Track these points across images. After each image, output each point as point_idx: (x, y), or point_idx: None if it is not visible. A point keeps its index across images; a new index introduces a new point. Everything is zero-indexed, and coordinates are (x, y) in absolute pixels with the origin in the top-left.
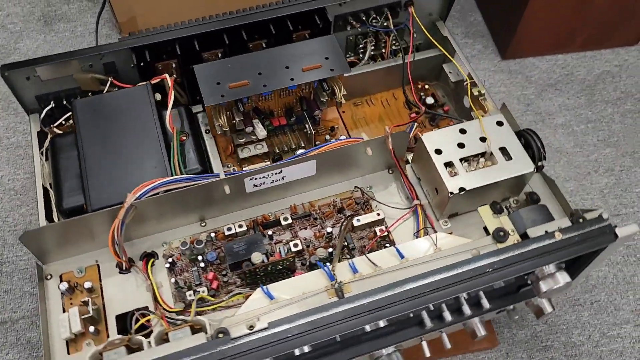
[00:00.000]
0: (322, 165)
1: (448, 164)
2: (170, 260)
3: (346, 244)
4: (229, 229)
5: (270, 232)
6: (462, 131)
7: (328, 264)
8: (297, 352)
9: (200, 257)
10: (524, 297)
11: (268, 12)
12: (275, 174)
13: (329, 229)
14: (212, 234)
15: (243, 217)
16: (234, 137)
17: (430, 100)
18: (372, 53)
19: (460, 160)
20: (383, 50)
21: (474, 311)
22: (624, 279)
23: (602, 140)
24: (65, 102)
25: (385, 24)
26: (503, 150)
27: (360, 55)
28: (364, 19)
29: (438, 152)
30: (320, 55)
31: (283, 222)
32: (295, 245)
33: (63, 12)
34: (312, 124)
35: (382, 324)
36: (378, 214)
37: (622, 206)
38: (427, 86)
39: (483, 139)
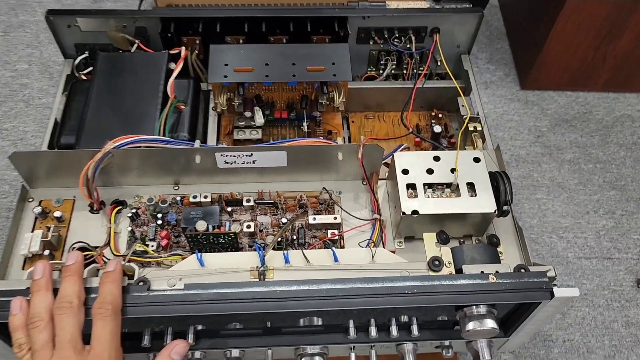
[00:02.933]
0: (293, 159)
1: (411, 186)
2: (134, 211)
3: (296, 237)
4: (195, 197)
5: (230, 209)
6: (436, 158)
7: (264, 248)
8: (229, 325)
9: (160, 215)
10: (456, 335)
11: (292, 11)
12: (246, 155)
13: (284, 220)
14: (179, 198)
15: (213, 190)
16: (235, 119)
17: (438, 129)
18: (392, 71)
19: (425, 185)
20: (405, 71)
21: (402, 335)
22: (602, 323)
23: (609, 182)
24: None
25: (408, 45)
26: (471, 185)
27: (380, 71)
28: (386, 36)
29: (405, 172)
30: (328, 60)
31: (245, 204)
32: (249, 226)
33: None
34: (313, 124)
35: (316, 321)
36: (335, 218)
37: (615, 250)
38: (440, 115)
39: (453, 170)
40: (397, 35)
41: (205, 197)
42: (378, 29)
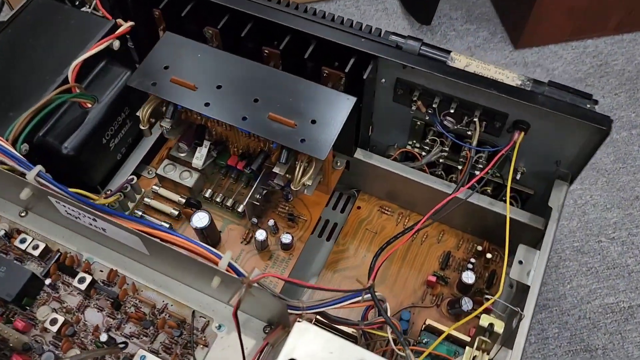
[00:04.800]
0: (156, 251)
1: None
2: None
3: None
4: (23, 241)
5: (56, 282)
6: None
7: None
8: None
9: None
10: None
11: (293, 20)
12: (90, 217)
13: (104, 338)
14: (3, 232)
15: (63, 237)
16: (176, 145)
17: (469, 278)
18: (441, 160)
19: None
20: (460, 167)
21: None
22: None
23: None
24: None
25: (469, 132)
26: None
27: (424, 153)
28: (435, 106)
29: None
30: (310, 112)
31: (77, 284)
32: (54, 322)
33: None
34: (279, 194)
35: None
36: None
37: None
38: (490, 255)
39: None
40: (454, 110)
41: (36, 247)
42: (427, 90)
